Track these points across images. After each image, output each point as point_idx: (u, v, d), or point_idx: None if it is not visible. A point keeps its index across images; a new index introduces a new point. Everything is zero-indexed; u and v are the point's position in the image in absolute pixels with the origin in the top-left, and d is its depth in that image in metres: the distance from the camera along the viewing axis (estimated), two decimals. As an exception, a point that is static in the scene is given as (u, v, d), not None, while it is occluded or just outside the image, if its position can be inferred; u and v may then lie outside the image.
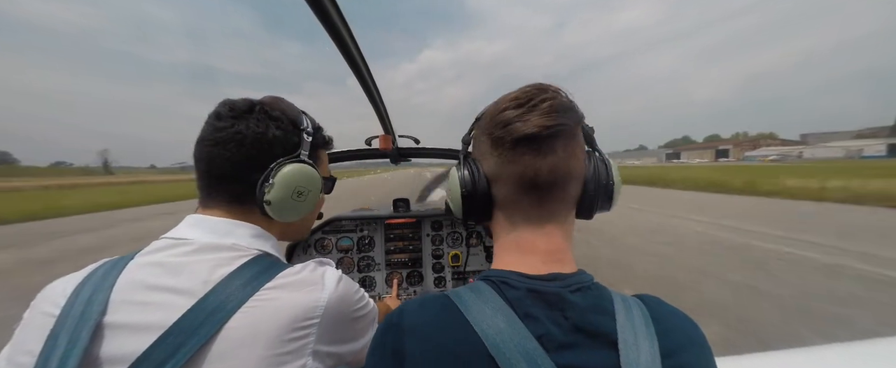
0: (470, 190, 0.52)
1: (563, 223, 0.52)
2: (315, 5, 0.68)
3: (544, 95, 0.47)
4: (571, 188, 0.50)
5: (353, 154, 1.57)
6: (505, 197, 0.51)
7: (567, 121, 0.47)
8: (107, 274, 0.51)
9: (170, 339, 0.46)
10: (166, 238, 0.57)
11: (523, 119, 0.46)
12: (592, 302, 0.45)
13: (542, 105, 0.46)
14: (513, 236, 0.52)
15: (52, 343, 0.44)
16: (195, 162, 0.60)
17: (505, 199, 0.51)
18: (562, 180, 0.48)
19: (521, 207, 0.50)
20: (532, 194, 0.49)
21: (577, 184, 0.51)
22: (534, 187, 0.48)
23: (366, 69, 1.02)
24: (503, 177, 0.50)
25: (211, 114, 0.60)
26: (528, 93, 0.48)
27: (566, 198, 0.51)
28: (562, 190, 0.49)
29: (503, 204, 0.52)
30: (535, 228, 0.50)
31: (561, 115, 0.47)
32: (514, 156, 0.47)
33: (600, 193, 0.53)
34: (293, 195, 0.61)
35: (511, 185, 0.49)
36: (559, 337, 0.42)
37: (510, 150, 0.47)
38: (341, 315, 0.58)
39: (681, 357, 0.43)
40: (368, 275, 1.66)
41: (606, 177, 0.53)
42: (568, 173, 0.49)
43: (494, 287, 0.47)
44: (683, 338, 0.45)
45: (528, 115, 0.46)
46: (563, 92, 0.50)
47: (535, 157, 0.46)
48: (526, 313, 0.43)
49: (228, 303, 0.49)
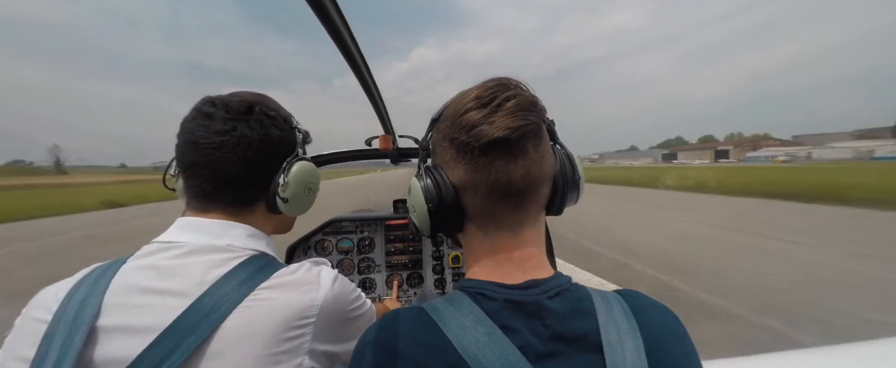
0: (437, 204, 0.48)
1: (536, 225, 0.51)
2: (315, 5, 0.68)
3: (507, 92, 0.44)
4: (544, 189, 0.49)
5: (354, 154, 1.57)
6: (476, 206, 0.48)
7: (534, 119, 0.45)
8: (99, 278, 0.50)
9: (166, 340, 0.46)
10: (157, 242, 0.56)
11: (489, 120, 0.43)
12: (571, 306, 0.44)
13: (507, 103, 0.43)
14: (487, 246, 0.49)
15: (45, 348, 0.44)
16: (189, 166, 0.59)
17: (477, 209, 0.48)
18: (535, 183, 0.47)
19: (495, 216, 0.48)
20: (506, 201, 0.46)
21: (549, 183, 0.49)
22: (508, 194, 0.45)
23: (366, 68, 1.01)
24: (473, 185, 0.46)
25: (197, 113, 0.59)
26: (490, 90, 0.45)
27: (539, 200, 0.49)
28: (535, 193, 0.48)
29: (475, 214, 0.49)
30: (510, 236, 0.48)
31: (528, 114, 0.44)
32: (485, 163, 0.44)
33: (569, 188, 0.51)
34: (305, 191, 0.66)
35: (483, 194, 0.46)
36: (539, 347, 0.41)
37: (480, 156, 0.44)
38: (337, 314, 0.58)
39: (664, 350, 0.42)
40: (368, 277, 1.66)
41: (572, 172, 0.51)
42: (541, 174, 0.47)
43: (472, 298, 0.45)
44: (665, 331, 0.45)
45: (494, 116, 0.43)
46: (524, 86, 0.47)
47: (507, 162, 0.44)
48: (504, 325, 0.42)
49: (224, 303, 0.49)
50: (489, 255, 0.49)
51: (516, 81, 0.47)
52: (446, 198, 0.48)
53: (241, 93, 0.62)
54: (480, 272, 0.49)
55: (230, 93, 0.62)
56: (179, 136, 0.59)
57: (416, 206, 0.51)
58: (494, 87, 0.45)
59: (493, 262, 0.49)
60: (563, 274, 0.49)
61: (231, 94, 0.61)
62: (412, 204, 0.52)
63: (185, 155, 0.58)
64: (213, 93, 0.61)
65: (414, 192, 0.51)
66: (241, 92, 0.63)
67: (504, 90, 0.45)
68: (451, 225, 0.51)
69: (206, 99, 0.60)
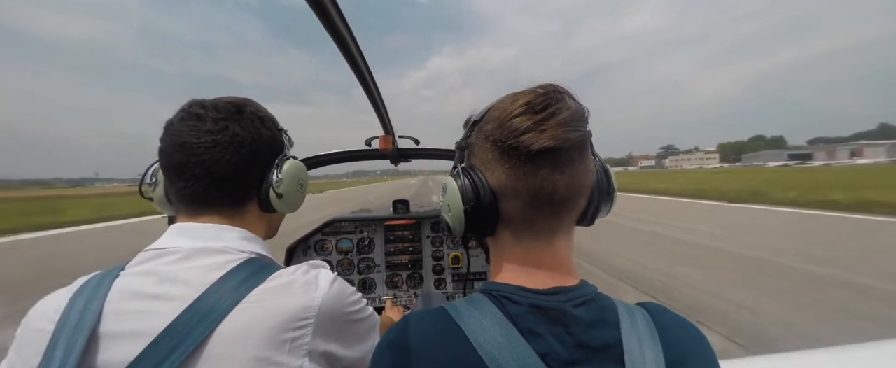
0: (474, 205, 0.47)
1: (569, 234, 0.50)
2: (315, 4, 0.69)
3: (560, 103, 0.44)
4: (583, 200, 0.49)
5: (354, 154, 1.57)
6: (515, 212, 0.47)
7: (583, 131, 0.45)
8: (98, 285, 0.51)
9: (163, 343, 0.46)
10: (152, 249, 0.56)
11: (540, 128, 0.42)
12: (596, 315, 0.44)
13: (561, 114, 0.43)
14: (519, 252, 0.49)
15: (48, 357, 0.45)
16: (177, 167, 0.58)
17: (514, 215, 0.47)
18: (577, 194, 0.47)
19: (532, 223, 0.47)
20: (546, 209, 0.46)
21: (587, 194, 0.49)
22: (549, 203, 0.45)
23: (366, 68, 1.02)
24: (515, 191, 0.45)
25: (186, 115, 0.59)
26: (542, 98, 0.44)
27: (576, 210, 0.49)
28: (575, 203, 0.47)
29: (511, 220, 0.48)
30: (544, 244, 0.48)
31: (579, 125, 0.44)
32: (531, 170, 0.43)
33: (604, 201, 0.51)
34: (297, 187, 0.68)
35: (524, 200, 0.45)
36: (563, 355, 0.41)
37: (526, 163, 0.43)
38: (337, 315, 0.58)
39: (687, 366, 0.42)
40: (368, 277, 1.66)
41: (607, 184, 0.51)
42: (583, 186, 0.47)
43: (495, 301, 0.45)
44: (689, 347, 0.44)
45: (545, 124, 0.42)
46: (574, 95, 0.47)
47: (553, 171, 0.43)
48: (529, 329, 0.42)
49: (221, 305, 0.49)
50: (519, 261, 0.49)
51: (566, 89, 0.46)
52: (484, 201, 0.47)
53: (226, 97, 0.63)
54: (507, 276, 0.49)
55: (216, 98, 0.62)
56: (164, 139, 0.58)
57: (451, 205, 0.50)
58: (546, 94, 0.44)
59: (523, 268, 0.49)
60: (589, 284, 0.48)
61: (217, 98, 0.62)
62: (448, 202, 0.51)
63: (173, 156, 0.57)
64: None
65: (450, 191, 0.50)
66: (225, 96, 0.63)
67: (557, 99, 0.44)
68: (486, 229, 0.50)
69: (194, 101, 0.60)
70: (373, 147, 1.52)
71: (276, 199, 0.64)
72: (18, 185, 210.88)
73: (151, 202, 0.68)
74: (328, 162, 1.55)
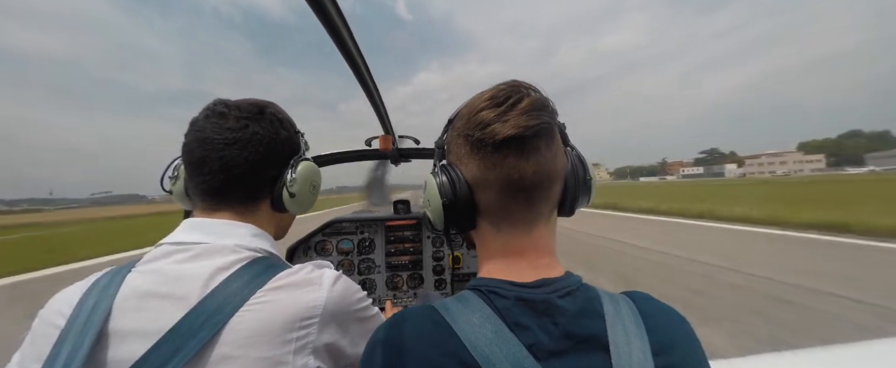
0: (451, 199, 0.50)
1: (548, 224, 0.52)
2: (314, 3, 0.68)
3: (521, 93, 0.46)
4: (556, 187, 0.50)
5: (353, 155, 1.56)
6: (490, 202, 0.49)
7: (547, 119, 0.46)
8: (110, 282, 0.52)
9: (169, 342, 0.46)
10: (165, 244, 0.57)
11: (503, 119, 0.45)
12: (581, 306, 0.45)
13: (521, 103, 0.45)
14: (499, 243, 0.51)
15: (56, 351, 0.46)
16: (198, 162, 0.60)
17: (490, 205, 0.49)
18: (547, 180, 0.48)
19: (508, 212, 0.49)
20: (519, 197, 0.47)
21: (560, 182, 0.50)
22: (520, 190, 0.47)
23: (365, 67, 1.01)
24: (487, 181, 0.47)
25: (210, 113, 0.61)
26: (504, 91, 0.47)
27: (551, 198, 0.50)
28: (547, 191, 0.49)
29: (488, 211, 0.50)
30: (522, 233, 0.50)
31: (541, 113, 0.46)
32: (498, 159, 0.46)
33: (581, 189, 0.52)
34: (310, 188, 0.70)
35: (496, 190, 0.47)
36: (549, 345, 0.41)
37: (493, 153, 0.46)
38: (342, 313, 0.58)
39: (672, 354, 0.43)
40: (369, 278, 1.66)
41: (584, 173, 0.52)
42: (552, 172, 0.48)
43: (483, 296, 0.46)
44: (673, 335, 0.45)
45: (508, 115, 0.45)
46: (537, 88, 0.48)
47: (519, 159, 0.45)
48: (516, 322, 0.43)
49: (227, 305, 0.50)
50: (501, 253, 0.50)
51: (529, 84, 0.48)
52: (460, 194, 0.49)
53: (250, 98, 0.66)
54: (493, 270, 0.50)
55: (240, 98, 0.65)
56: (188, 135, 0.61)
57: (431, 201, 0.53)
58: (508, 88, 0.47)
59: (505, 260, 0.50)
60: (573, 274, 0.49)
61: (241, 99, 0.65)
62: (427, 198, 0.54)
63: (195, 152, 0.60)
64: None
65: (429, 188, 0.53)
66: (249, 98, 0.67)
67: (517, 91, 0.46)
68: (465, 221, 0.52)
69: (219, 100, 0.63)
70: (373, 147, 1.51)
71: (288, 199, 0.65)
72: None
73: (171, 195, 0.71)
74: (328, 162, 1.54)
